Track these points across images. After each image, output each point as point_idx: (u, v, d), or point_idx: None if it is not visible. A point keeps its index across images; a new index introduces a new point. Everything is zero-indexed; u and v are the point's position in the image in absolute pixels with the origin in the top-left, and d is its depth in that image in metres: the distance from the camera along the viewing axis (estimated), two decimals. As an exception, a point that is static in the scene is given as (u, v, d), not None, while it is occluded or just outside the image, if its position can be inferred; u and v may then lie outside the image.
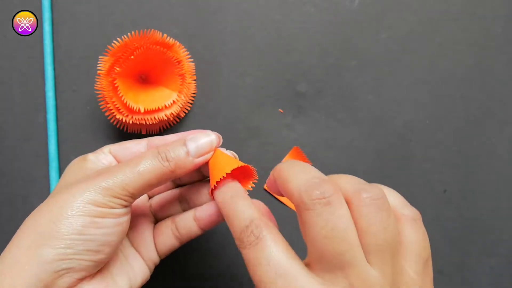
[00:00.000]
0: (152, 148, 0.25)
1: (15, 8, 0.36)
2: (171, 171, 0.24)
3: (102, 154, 0.27)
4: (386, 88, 0.36)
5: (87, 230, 0.22)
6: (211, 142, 0.25)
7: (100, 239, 0.22)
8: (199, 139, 0.25)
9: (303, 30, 0.36)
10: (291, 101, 0.36)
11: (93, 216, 0.22)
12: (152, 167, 0.23)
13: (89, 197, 0.22)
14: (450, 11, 0.37)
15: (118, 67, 0.32)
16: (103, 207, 0.22)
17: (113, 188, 0.23)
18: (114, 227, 0.23)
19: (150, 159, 0.24)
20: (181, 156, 0.24)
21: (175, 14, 0.36)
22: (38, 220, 0.22)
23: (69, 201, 0.22)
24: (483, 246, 0.36)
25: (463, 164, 0.36)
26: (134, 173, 0.23)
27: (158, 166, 0.24)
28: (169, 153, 0.24)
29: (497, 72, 0.36)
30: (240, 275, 0.35)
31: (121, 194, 0.23)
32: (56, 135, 0.35)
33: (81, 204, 0.22)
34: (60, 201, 0.22)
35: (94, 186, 0.22)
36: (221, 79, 0.36)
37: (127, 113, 0.33)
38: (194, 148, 0.25)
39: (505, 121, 0.36)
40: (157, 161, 0.24)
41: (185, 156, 0.24)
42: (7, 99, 0.36)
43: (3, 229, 0.35)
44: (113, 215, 0.23)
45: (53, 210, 0.22)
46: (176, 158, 0.24)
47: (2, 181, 0.35)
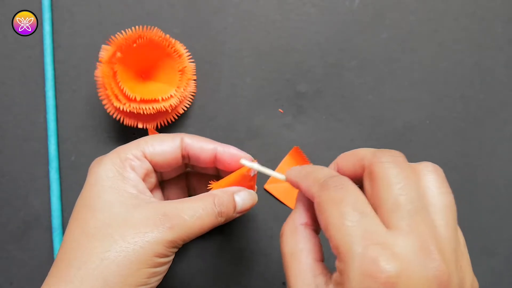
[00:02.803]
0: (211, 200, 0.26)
1: (15, 8, 0.36)
2: (220, 223, 0.26)
3: (137, 161, 0.27)
4: (386, 88, 0.36)
5: (150, 280, 0.23)
6: (253, 202, 0.28)
7: (154, 285, 0.24)
8: (245, 198, 0.28)
9: (303, 30, 0.36)
10: (291, 101, 0.36)
11: (155, 267, 0.23)
12: (209, 221, 0.25)
13: (155, 251, 0.23)
14: (450, 11, 0.37)
15: (119, 53, 0.32)
16: (164, 257, 0.24)
17: (177, 241, 0.24)
18: (165, 272, 0.25)
19: (208, 213, 0.25)
20: (230, 212, 0.27)
21: (175, 14, 0.36)
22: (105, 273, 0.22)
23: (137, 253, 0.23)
24: (483, 246, 0.36)
25: (463, 164, 0.36)
26: (195, 226, 0.24)
27: (214, 221, 0.26)
28: (223, 208, 0.26)
29: (497, 72, 0.36)
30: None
31: (180, 244, 0.24)
32: (56, 135, 0.35)
33: (147, 257, 0.23)
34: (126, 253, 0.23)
35: (162, 239, 0.23)
36: (221, 79, 0.36)
37: (124, 100, 0.32)
38: (241, 206, 0.27)
39: (505, 121, 0.36)
40: (214, 217, 0.25)
41: (233, 213, 0.27)
42: (7, 99, 0.36)
43: (3, 229, 0.35)
44: (168, 262, 0.25)
45: (120, 263, 0.23)
46: (227, 213, 0.26)
47: (2, 181, 0.35)
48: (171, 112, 0.35)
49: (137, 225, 0.23)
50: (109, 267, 0.22)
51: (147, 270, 0.23)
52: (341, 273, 0.18)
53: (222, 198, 0.26)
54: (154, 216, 0.24)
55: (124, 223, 0.23)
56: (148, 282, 0.23)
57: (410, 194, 0.19)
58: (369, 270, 0.17)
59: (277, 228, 0.35)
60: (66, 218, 0.35)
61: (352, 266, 0.17)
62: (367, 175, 0.21)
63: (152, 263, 0.23)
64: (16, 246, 0.35)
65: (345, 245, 0.18)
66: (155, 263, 0.23)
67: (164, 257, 0.24)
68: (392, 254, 0.17)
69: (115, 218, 0.24)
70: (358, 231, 0.18)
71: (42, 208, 0.35)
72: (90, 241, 0.23)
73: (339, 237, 0.18)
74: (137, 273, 0.23)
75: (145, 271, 0.23)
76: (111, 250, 0.23)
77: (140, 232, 0.23)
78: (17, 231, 0.35)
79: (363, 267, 0.17)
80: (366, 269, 0.17)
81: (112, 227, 0.23)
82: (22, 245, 0.35)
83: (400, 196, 0.19)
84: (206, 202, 0.26)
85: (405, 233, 0.18)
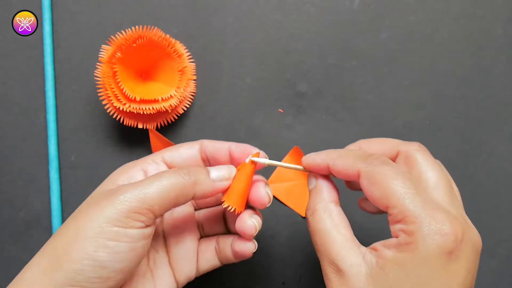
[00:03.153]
0: (173, 168, 0.25)
1: (15, 8, 0.36)
2: (192, 184, 0.24)
3: (154, 164, 0.26)
4: (386, 88, 0.36)
5: (99, 255, 0.21)
6: (230, 173, 0.26)
7: (112, 265, 0.21)
8: (219, 167, 0.26)
9: (303, 30, 0.36)
10: (291, 101, 0.36)
11: (107, 238, 0.21)
12: (174, 180, 0.23)
13: (106, 215, 0.21)
14: (450, 11, 0.37)
15: (119, 53, 0.32)
16: (120, 226, 0.22)
17: (132, 202, 0.22)
18: (127, 253, 0.22)
19: (172, 173, 0.24)
20: (202, 175, 0.25)
21: (175, 14, 0.36)
22: (57, 241, 0.22)
23: (85, 221, 0.22)
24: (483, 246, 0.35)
25: (463, 164, 0.36)
26: (154, 186, 0.23)
27: (180, 179, 0.24)
28: (191, 170, 0.24)
29: (497, 72, 0.36)
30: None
31: (141, 208, 0.22)
32: (56, 135, 0.35)
33: (97, 224, 0.21)
34: (78, 221, 0.22)
35: (112, 202, 0.22)
36: (221, 79, 0.36)
37: (124, 100, 0.32)
38: (215, 173, 0.26)
39: (505, 121, 0.36)
40: (179, 175, 0.24)
41: (205, 176, 0.25)
42: (7, 99, 0.36)
43: (3, 229, 0.35)
44: (127, 239, 0.22)
45: (70, 231, 0.22)
46: (197, 175, 0.24)
47: (2, 181, 0.35)
48: (171, 112, 0.35)
49: (97, 200, 0.23)
50: (61, 233, 0.22)
51: (95, 241, 0.21)
52: (411, 234, 0.20)
53: (190, 166, 0.26)
54: (109, 191, 0.23)
55: (91, 201, 0.23)
56: (97, 257, 0.21)
57: (444, 174, 0.24)
58: (440, 229, 0.20)
59: (277, 228, 0.35)
60: (66, 218, 0.35)
61: (423, 227, 0.20)
62: (403, 158, 0.24)
63: (102, 233, 0.21)
64: (16, 246, 0.35)
65: (414, 209, 0.21)
66: (107, 233, 0.21)
67: (121, 225, 0.22)
68: (454, 217, 0.21)
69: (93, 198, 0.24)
70: (419, 199, 0.21)
71: (42, 208, 0.35)
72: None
73: (406, 203, 0.21)
74: (83, 244, 0.21)
75: (92, 242, 0.21)
76: (68, 221, 0.23)
77: (95, 203, 0.23)
78: (17, 231, 0.35)
79: (435, 227, 0.20)
80: (438, 228, 0.20)
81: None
82: (22, 245, 0.35)
83: (440, 176, 0.23)
84: (168, 169, 0.25)
85: (449, 204, 0.22)
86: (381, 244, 0.22)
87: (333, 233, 0.23)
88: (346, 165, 0.24)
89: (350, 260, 0.22)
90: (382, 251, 0.21)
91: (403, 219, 0.21)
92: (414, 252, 0.20)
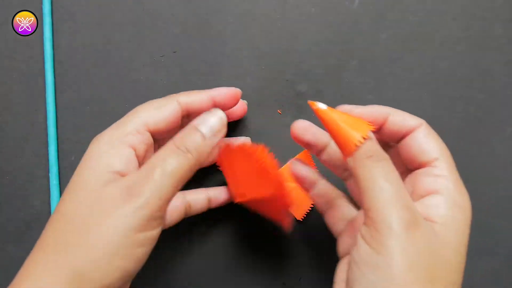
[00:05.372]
0: (169, 144, 0.24)
1: (15, 8, 0.36)
2: (196, 160, 0.23)
3: (139, 136, 0.25)
4: (386, 88, 0.36)
5: (129, 265, 0.21)
6: (221, 119, 0.25)
7: (137, 269, 0.22)
8: (208, 120, 0.25)
9: (303, 30, 0.36)
10: (291, 101, 0.36)
11: (136, 246, 0.21)
12: (179, 164, 0.22)
13: (131, 223, 0.21)
14: (450, 11, 0.37)
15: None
16: (145, 230, 0.21)
17: (152, 204, 0.21)
18: (150, 252, 0.22)
19: (173, 157, 0.23)
20: (199, 142, 0.24)
21: (175, 14, 0.36)
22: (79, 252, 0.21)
23: (111, 231, 0.21)
24: (483, 246, 0.36)
25: (463, 164, 0.36)
26: (167, 177, 0.22)
27: (184, 161, 0.23)
28: (187, 144, 0.23)
29: (497, 72, 0.36)
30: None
31: (160, 206, 0.22)
32: (56, 135, 0.35)
33: (123, 235, 0.21)
34: (101, 230, 0.21)
35: (133, 207, 0.21)
36: (221, 79, 0.36)
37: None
38: (208, 130, 0.24)
39: (505, 121, 0.36)
40: (181, 156, 0.23)
41: (202, 141, 0.24)
42: (7, 99, 0.36)
43: (3, 229, 0.35)
44: (151, 241, 0.22)
45: (94, 242, 0.21)
46: (195, 145, 0.23)
47: (2, 181, 0.35)
48: None
49: (106, 206, 0.21)
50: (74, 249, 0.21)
51: (128, 251, 0.21)
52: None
53: (181, 135, 0.24)
54: (120, 191, 0.22)
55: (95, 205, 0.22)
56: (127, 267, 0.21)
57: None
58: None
59: (277, 228, 0.35)
60: (66, 218, 0.35)
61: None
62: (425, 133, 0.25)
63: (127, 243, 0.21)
64: (16, 246, 0.35)
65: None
66: (132, 242, 0.21)
67: (144, 229, 0.21)
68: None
69: (89, 199, 0.22)
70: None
71: (42, 208, 0.35)
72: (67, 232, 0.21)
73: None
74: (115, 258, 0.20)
75: (125, 252, 0.20)
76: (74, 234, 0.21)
77: (107, 212, 0.21)
78: (17, 231, 0.35)
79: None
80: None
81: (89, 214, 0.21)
82: (22, 245, 0.35)
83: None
84: (166, 149, 0.23)
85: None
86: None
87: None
88: (404, 117, 0.25)
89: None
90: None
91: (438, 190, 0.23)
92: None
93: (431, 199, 0.23)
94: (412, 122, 0.25)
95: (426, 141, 0.24)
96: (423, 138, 0.25)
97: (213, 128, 0.24)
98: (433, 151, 0.24)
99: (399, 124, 0.25)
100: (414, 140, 0.25)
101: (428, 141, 0.24)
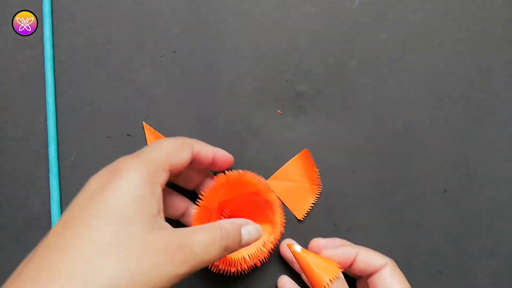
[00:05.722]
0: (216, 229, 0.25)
1: (15, 8, 0.36)
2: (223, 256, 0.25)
3: (165, 175, 0.26)
4: (386, 88, 0.36)
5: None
6: (259, 236, 0.28)
7: None
8: (252, 232, 0.27)
9: (303, 30, 0.36)
10: (291, 101, 0.36)
11: None
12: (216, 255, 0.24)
13: (166, 283, 0.22)
14: (450, 11, 0.37)
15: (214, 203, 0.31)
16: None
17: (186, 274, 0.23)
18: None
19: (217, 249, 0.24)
20: (236, 246, 0.26)
21: (175, 14, 0.36)
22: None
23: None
24: (483, 246, 0.36)
25: (463, 164, 0.36)
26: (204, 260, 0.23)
27: (221, 255, 0.25)
28: (229, 242, 0.25)
29: (497, 72, 0.36)
30: (240, 275, 0.35)
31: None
32: (55, 135, 0.35)
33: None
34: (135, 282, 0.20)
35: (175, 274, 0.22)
36: (221, 79, 0.36)
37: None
38: (246, 240, 0.27)
39: (505, 121, 0.36)
40: (221, 251, 0.24)
41: (238, 246, 0.26)
42: (7, 99, 0.36)
43: (3, 229, 0.35)
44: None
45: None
46: (232, 248, 0.26)
47: (2, 181, 0.35)
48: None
49: (153, 254, 0.21)
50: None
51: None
52: None
53: (229, 231, 0.25)
54: (171, 246, 0.22)
55: (140, 246, 0.21)
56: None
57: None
58: None
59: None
60: (66, 218, 0.35)
61: None
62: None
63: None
64: (16, 246, 0.35)
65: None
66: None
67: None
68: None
69: (132, 237, 0.21)
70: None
71: (42, 208, 0.35)
72: (97, 257, 0.20)
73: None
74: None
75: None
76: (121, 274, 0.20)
77: (155, 263, 0.21)
78: (17, 231, 0.35)
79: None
80: None
81: (127, 247, 0.21)
82: (22, 245, 0.35)
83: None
84: (214, 234, 0.24)
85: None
86: None
87: None
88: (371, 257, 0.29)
89: None
90: None
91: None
92: None
93: None
94: (378, 261, 0.29)
95: (391, 281, 0.28)
96: (388, 278, 0.28)
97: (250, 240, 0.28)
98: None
99: (366, 263, 0.29)
100: (380, 278, 0.28)
101: (393, 282, 0.28)
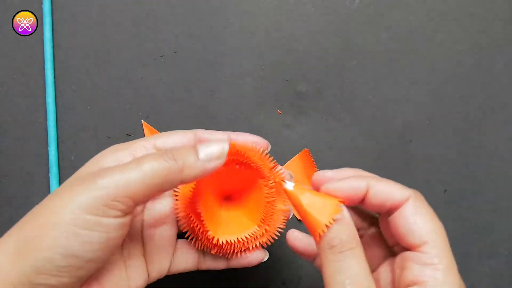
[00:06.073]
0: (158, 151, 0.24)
1: (15, 8, 0.36)
2: (179, 169, 0.22)
3: (143, 150, 0.24)
4: (386, 88, 0.36)
5: (70, 244, 0.20)
6: (222, 150, 0.23)
7: (84, 255, 0.20)
8: (210, 146, 0.23)
9: (303, 30, 0.36)
10: (291, 101, 0.36)
11: (79, 227, 0.20)
12: (157, 165, 0.21)
13: (80, 202, 0.20)
14: (450, 11, 0.37)
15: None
16: (95, 214, 0.20)
17: (111, 188, 0.20)
18: (101, 243, 0.20)
19: (155, 158, 0.21)
20: (190, 157, 0.22)
21: (175, 14, 0.36)
22: (26, 226, 0.21)
23: (57, 206, 0.20)
24: (483, 246, 0.36)
25: (463, 164, 0.36)
26: (136, 171, 0.21)
27: (165, 165, 0.21)
28: (177, 155, 0.22)
29: (497, 72, 0.36)
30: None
31: (120, 195, 0.20)
32: (56, 135, 0.35)
33: (69, 211, 0.20)
34: (50, 206, 0.21)
35: (88, 187, 0.20)
36: (221, 79, 0.36)
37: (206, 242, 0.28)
38: (205, 155, 0.22)
39: (505, 121, 0.36)
40: (163, 160, 0.21)
41: (194, 161, 0.22)
42: (7, 99, 0.36)
43: (3, 229, 0.35)
44: (102, 228, 0.20)
45: (41, 217, 0.20)
46: (184, 159, 0.22)
47: (2, 181, 0.35)
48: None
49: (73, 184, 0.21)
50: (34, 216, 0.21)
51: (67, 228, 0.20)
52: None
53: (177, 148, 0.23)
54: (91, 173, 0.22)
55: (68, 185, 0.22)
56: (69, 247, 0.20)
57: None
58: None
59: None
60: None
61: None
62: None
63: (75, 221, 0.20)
64: (16, 246, 0.35)
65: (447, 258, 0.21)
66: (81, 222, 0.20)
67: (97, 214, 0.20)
68: None
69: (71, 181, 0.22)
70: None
71: (42, 208, 0.35)
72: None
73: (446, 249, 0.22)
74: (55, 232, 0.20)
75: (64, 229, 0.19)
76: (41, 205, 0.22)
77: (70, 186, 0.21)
78: (17, 231, 0.35)
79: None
80: None
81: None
82: (22, 245, 0.35)
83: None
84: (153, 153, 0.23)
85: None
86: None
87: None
88: (388, 190, 0.22)
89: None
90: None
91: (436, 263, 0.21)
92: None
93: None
94: (397, 195, 0.22)
95: (414, 220, 0.22)
96: (410, 216, 0.22)
97: (211, 155, 0.22)
98: (422, 233, 0.21)
99: (381, 198, 0.22)
100: (401, 218, 0.22)
101: (417, 220, 0.22)
